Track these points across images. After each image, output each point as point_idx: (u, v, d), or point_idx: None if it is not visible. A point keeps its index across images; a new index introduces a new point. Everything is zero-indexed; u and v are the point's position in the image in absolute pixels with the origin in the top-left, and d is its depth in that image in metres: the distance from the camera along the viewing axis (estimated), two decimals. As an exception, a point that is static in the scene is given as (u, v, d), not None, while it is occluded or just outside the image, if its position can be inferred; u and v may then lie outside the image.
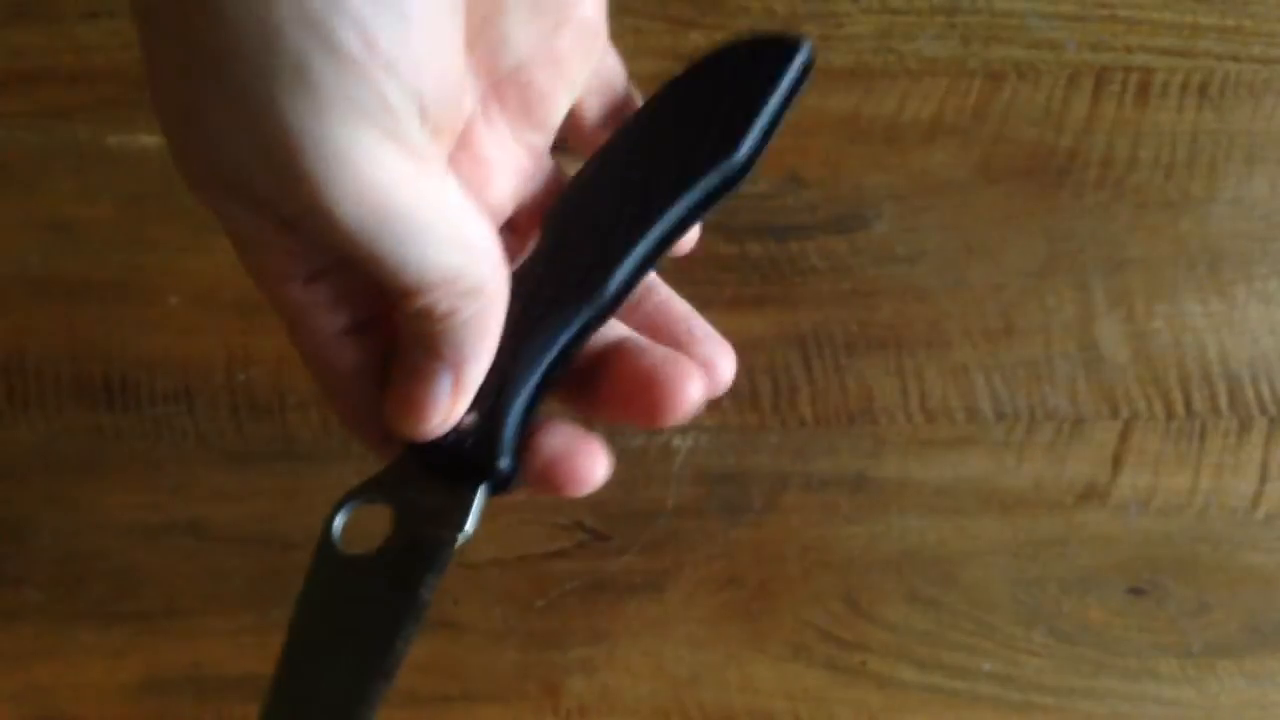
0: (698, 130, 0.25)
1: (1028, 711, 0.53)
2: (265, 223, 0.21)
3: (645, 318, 0.27)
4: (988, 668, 0.53)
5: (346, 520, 0.26)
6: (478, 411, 0.25)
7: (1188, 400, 0.54)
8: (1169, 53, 0.55)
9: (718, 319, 0.29)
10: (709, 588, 0.54)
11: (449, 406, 0.24)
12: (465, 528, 0.25)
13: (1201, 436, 0.54)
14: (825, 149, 0.55)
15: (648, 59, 0.53)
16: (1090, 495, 0.54)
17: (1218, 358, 0.54)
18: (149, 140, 0.55)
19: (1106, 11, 0.56)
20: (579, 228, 0.25)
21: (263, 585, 0.54)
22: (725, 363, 0.27)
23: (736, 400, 0.54)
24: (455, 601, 0.54)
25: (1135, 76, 0.55)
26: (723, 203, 0.26)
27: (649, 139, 0.25)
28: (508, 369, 0.24)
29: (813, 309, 0.54)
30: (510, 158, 0.25)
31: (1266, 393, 0.54)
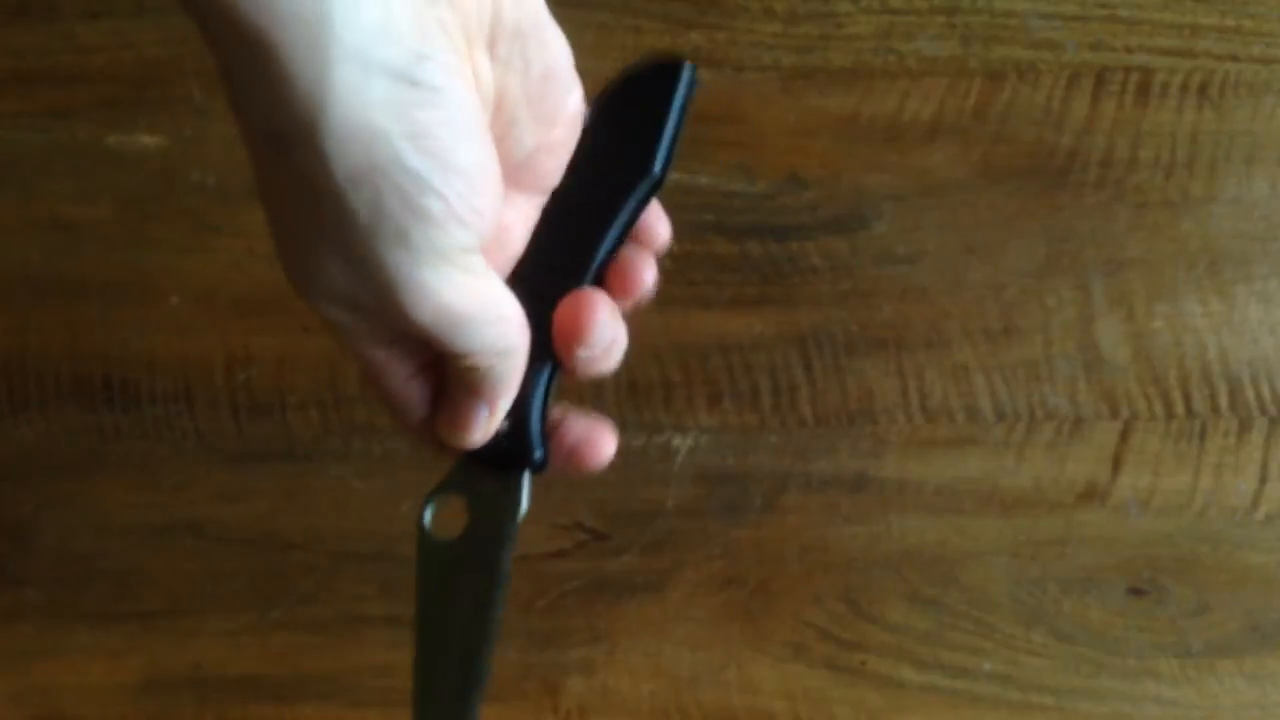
0: (623, 150, 0.33)
1: (1028, 711, 0.53)
2: (360, 320, 0.30)
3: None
4: (988, 668, 0.53)
5: (434, 512, 0.34)
6: (509, 419, 0.33)
7: (1188, 400, 0.54)
8: (1169, 53, 0.56)
9: (718, 319, 0.29)
10: (709, 588, 0.54)
11: (486, 428, 0.33)
12: (521, 506, 0.34)
13: (1201, 437, 0.54)
14: (825, 149, 0.55)
15: (648, 59, 0.53)
16: (1090, 495, 0.54)
17: (1218, 358, 0.54)
18: (149, 140, 0.56)
19: (1106, 11, 0.56)
20: (555, 242, 0.33)
21: (263, 585, 0.54)
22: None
23: (736, 400, 0.54)
24: (455, 601, 0.54)
25: (1135, 76, 0.55)
26: (655, 196, 0.34)
27: (590, 159, 0.33)
28: (524, 385, 0.33)
29: (813, 309, 0.54)
30: (522, 216, 0.33)
31: (1266, 393, 0.54)
